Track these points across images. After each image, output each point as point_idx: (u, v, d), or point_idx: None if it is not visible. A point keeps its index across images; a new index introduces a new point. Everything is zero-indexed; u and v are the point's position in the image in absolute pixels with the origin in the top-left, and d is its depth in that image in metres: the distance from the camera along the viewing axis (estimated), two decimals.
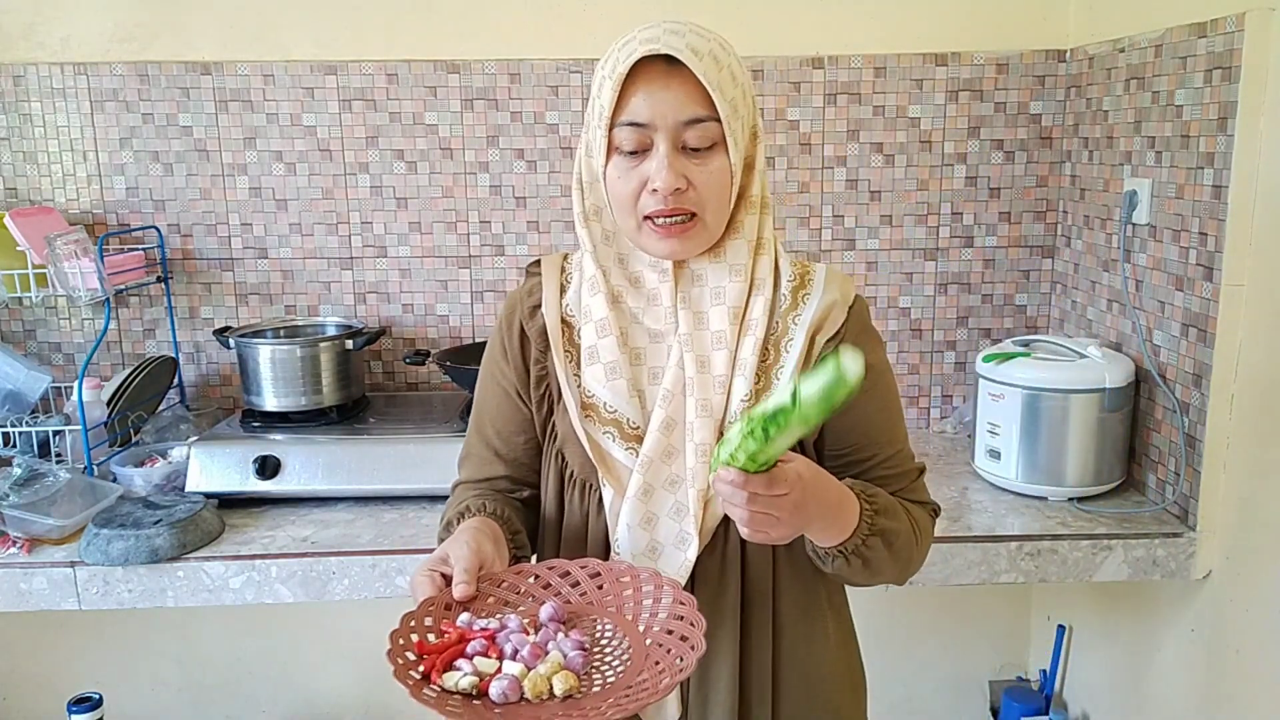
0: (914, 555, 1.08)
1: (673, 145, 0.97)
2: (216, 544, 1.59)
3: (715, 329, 1.03)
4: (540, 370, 1.09)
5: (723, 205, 1.01)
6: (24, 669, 2.24)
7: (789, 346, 1.04)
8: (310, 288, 2.10)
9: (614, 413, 1.04)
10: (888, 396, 1.10)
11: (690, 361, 1.03)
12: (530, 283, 1.13)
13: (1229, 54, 1.47)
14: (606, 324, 1.04)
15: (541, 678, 0.84)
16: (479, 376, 1.17)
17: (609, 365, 1.04)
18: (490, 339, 1.15)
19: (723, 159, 0.99)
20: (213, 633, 2.23)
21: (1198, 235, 1.55)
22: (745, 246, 1.04)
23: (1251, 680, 1.51)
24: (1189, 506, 1.60)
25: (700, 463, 1.01)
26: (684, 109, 0.96)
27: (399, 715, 2.29)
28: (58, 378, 2.03)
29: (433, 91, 2.02)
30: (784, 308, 1.05)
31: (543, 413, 1.10)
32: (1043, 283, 2.12)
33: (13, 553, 1.56)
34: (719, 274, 1.04)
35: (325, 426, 1.86)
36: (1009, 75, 2.03)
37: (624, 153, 0.98)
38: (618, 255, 1.07)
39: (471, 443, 1.17)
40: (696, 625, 0.88)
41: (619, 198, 1.00)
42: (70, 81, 1.99)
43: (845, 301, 1.07)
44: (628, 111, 0.97)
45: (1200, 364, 1.55)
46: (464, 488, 1.16)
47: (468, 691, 0.83)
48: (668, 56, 0.95)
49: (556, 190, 2.07)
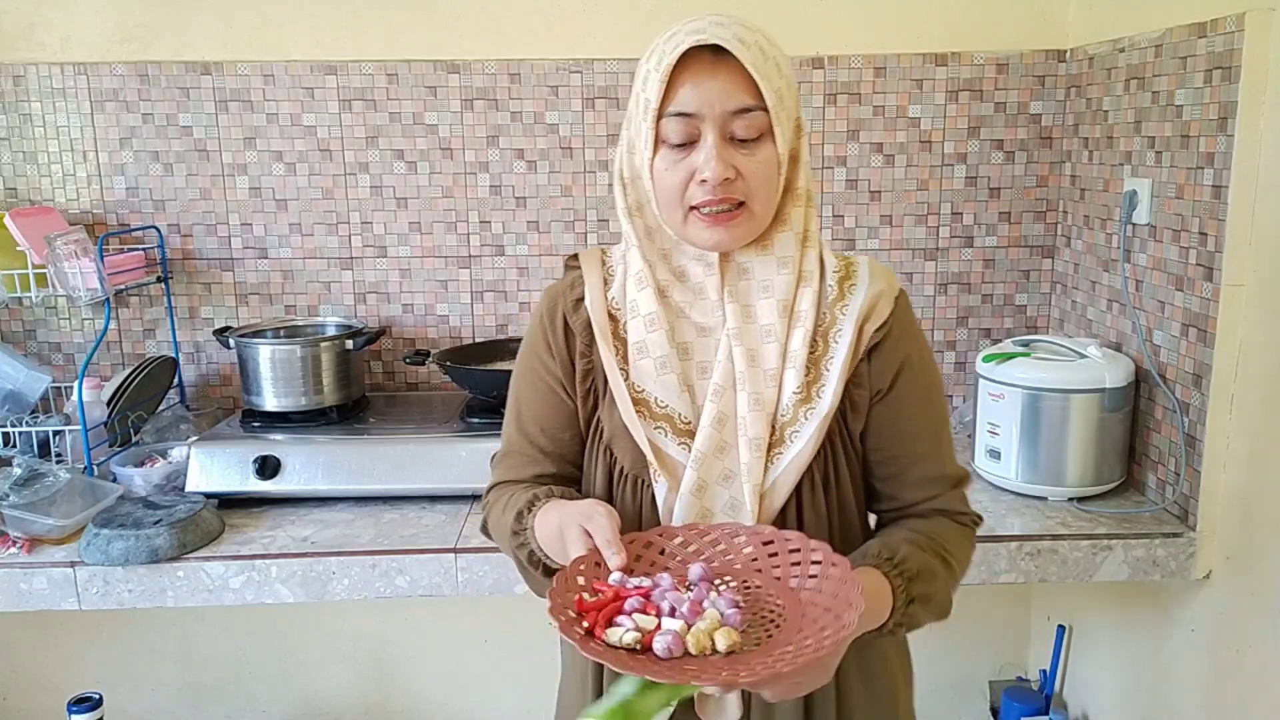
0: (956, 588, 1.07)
1: (721, 135, 0.96)
2: (216, 544, 1.59)
3: (764, 322, 1.03)
4: (586, 364, 1.08)
5: (771, 195, 1.00)
6: (24, 669, 2.24)
7: (838, 337, 1.03)
8: (310, 288, 2.10)
9: (665, 408, 1.03)
10: (928, 395, 1.08)
11: (740, 356, 1.02)
12: (570, 277, 1.11)
13: (1229, 54, 1.47)
14: (655, 318, 1.03)
15: (704, 633, 0.85)
16: (515, 374, 1.14)
17: (659, 360, 1.03)
18: (528, 334, 1.13)
19: (770, 149, 0.98)
20: (213, 633, 2.23)
21: (1198, 235, 1.55)
22: (793, 238, 1.03)
23: (1251, 680, 1.51)
24: (1189, 506, 1.60)
25: (754, 457, 1.00)
26: (731, 98, 0.95)
27: (399, 715, 2.30)
28: (58, 378, 2.03)
29: (433, 91, 2.02)
30: (831, 298, 1.04)
31: (588, 408, 1.09)
32: (1043, 283, 2.12)
33: (13, 553, 1.56)
34: (767, 267, 1.03)
35: (325, 426, 1.86)
36: (1009, 75, 2.03)
37: (671, 145, 0.98)
38: (661, 251, 1.05)
39: (512, 441, 1.14)
40: (851, 584, 0.88)
41: (666, 190, 0.99)
42: (70, 81, 1.99)
43: (891, 292, 1.06)
44: (675, 102, 0.96)
45: (1200, 364, 1.55)
46: (506, 487, 1.13)
47: (631, 646, 0.84)
48: (714, 47, 0.95)
49: (556, 190, 2.07)
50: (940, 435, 1.09)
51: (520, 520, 1.04)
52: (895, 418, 1.06)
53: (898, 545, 1.02)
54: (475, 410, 1.87)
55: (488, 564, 1.56)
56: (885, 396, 1.05)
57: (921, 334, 1.10)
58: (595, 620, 0.86)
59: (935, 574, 1.02)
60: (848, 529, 1.07)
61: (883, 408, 1.06)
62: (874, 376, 1.05)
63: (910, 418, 1.07)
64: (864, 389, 1.04)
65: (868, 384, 1.05)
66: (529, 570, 1.08)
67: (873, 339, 1.03)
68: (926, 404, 1.08)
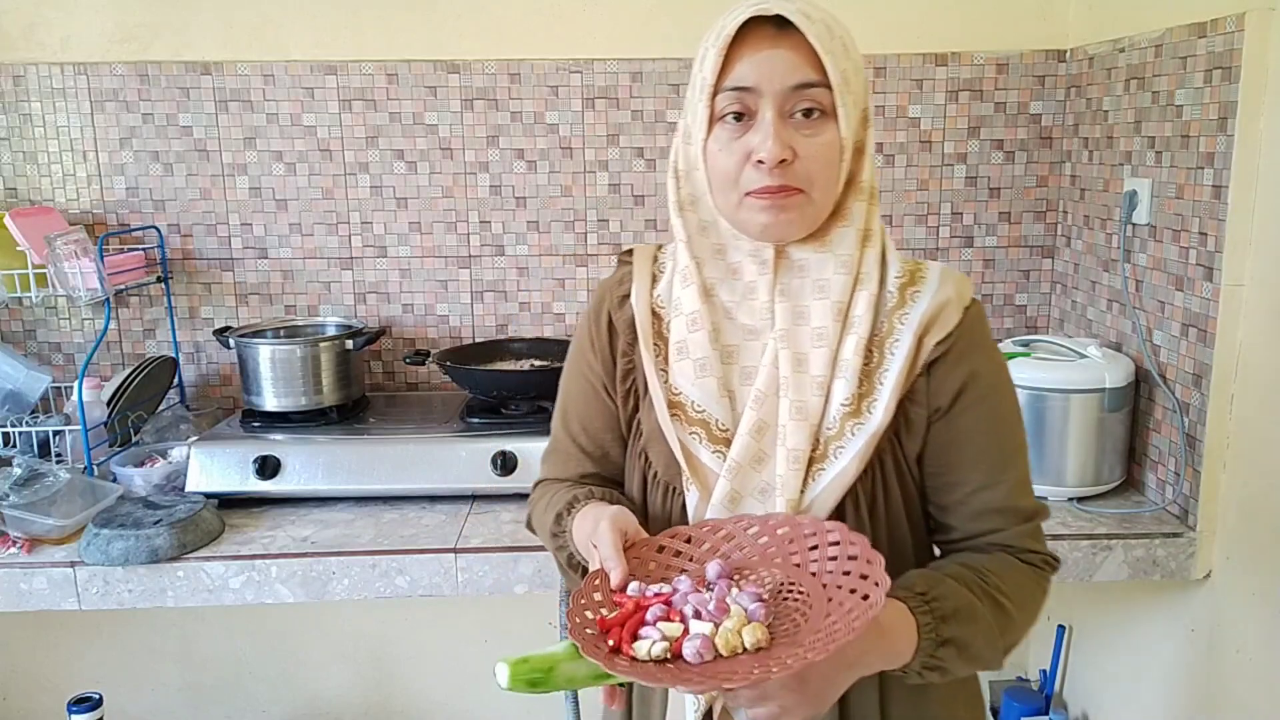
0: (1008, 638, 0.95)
1: (779, 112, 0.90)
2: (216, 544, 1.59)
3: (816, 325, 0.95)
4: (627, 363, 1.04)
5: (831, 182, 0.93)
6: (24, 669, 2.24)
7: (894, 348, 0.95)
8: (310, 288, 2.10)
9: (702, 412, 0.97)
10: (998, 417, 0.98)
11: (786, 359, 0.95)
12: (620, 272, 1.07)
13: (1229, 54, 1.47)
14: (698, 318, 0.98)
15: (732, 632, 0.81)
16: (565, 369, 1.11)
17: (698, 362, 0.97)
18: (577, 330, 1.10)
19: (832, 131, 0.91)
20: (213, 633, 2.23)
21: (1198, 235, 1.55)
22: (853, 235, 0.96)
23: (1251, 680, 1.51)
24: (1189, 506, 1.60)
25: (791, 470, 0.93)
26: (793, 73, 0.89)
27: (399, 715, 2.30)
28: (58, 378, 2.03)
29: (433, 91, 2.02)
30: (890, 305, 0.96)
31: (628, 408, 1.04)
32: (1043, 283, 2.12)
33: (13, 553, 1.56)
34: (823, 264, 0.96)
35: (325, 426, 1.86)
36: (1009, 75, 2.03)
37: (727, 123, 0.91)
38: (715, 246, 0.99)
39: (557, 438, 1.11)
40: (874, 562, 0.83)
41: (719, 172, 0.93)
42: (70, 81, 1.99)
43: (960, 302, 0.97)
44: (732, 76, 0.90)
45: (1200, 364, 1.55)
46: (550, 484, 1.10)
47: (661, 657, 0.81)
48: (777, 20, 0.89)
49: (557, 190, 2.07)
50: (1008, 463, 0.98)
51: (560, 522, 1.02)
52: (954, 439, 0.97)
53: (938, 579, 0.93)
54: (475, 410, 1.87)
55: (488, 564, 1.56)
56: (945, 415, 0.96)
57: (996, 351, 1.00)
58: (620, 636, 0.83)
59: (977, 617, 0.92)
60: (898, 559, 0.97)
61: (941, 427, 0.97)
62: (933, 393, 0.96)
63: (971, 440, 0.97)
64: (921, 406, 0.96)
65: (925, 401, 0.96)
66: (569, 573, 1.05)
67: (934, 353, 0.95)
68: (993, 426, 0.98)
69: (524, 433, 1.75)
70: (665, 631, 0.83)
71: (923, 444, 0.97)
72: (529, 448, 1.71)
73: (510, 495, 1.73)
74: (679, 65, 1.99)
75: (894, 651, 0.88)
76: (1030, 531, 0.99)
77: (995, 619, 0.93)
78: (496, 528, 1.64)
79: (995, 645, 0.94)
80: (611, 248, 2.08)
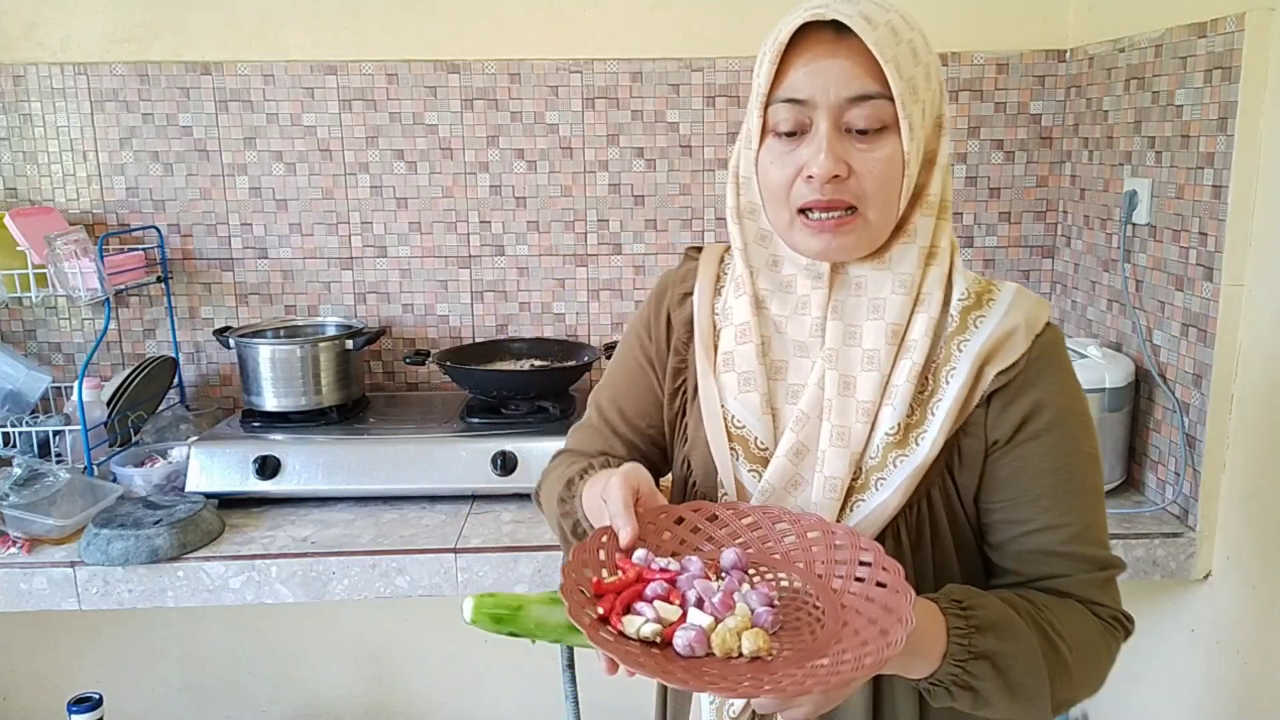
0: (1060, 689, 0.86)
1: (834, 125, 0.84)
2: (216, 544, 1.59)
3: (868, 347, 0.89)
4: (679, 361, 1.01)
5: (889, 200, 0.86)
6: (24, 669, 2.24)
7: (950, 376, 0.88)
8: (310, 288, 2.10)
9: (741, 428, 0.93)
10: (1065, 452, 0.89)
11: (832, 381, 0.89)
12: (685, 267, 1.04)
13: (1229, 54, 1.47)
14: (747, 330, 0.94)
15: (731, 633, 0.75)
16: (617, 350, 1.08)
17: (743, 375, 0.93)
18: (637, 313, 1.07)
19: (894, 145, 0.85)
20: (213, 633, 2.23)
21: (1198, 235, 1.55)
22: (915, 253, 0.89)
23: (1251, 680, 1.51)
24: (1189, 506, 1.60)
25: (827, 499, 0.88)
26: (849, 83, 0.83)
27: (399, 715, 2.30)
28: (58, 378, 2.03)
29: (433, 91, 2.02)
30: (951, 330, 0.89)
31: (674, 407, 1.01)
32: (1043, 283, 2.12)
33: (13, 553, 1.56)
34: (881, 283, 0.90)
35: (325, 426, 1.86)
36: (1009, 75, 2.03)
37: (780, 135, 0.86)
38: (771, 257, 0.95)
39: (591, 413, 1.08)
40: (903, 594, 0.75)
41: (771, 187, 0.88)
42: (70, 81, 1.99)
43: (1030, 329, 0.88)
44: (785, 87, 0.85)
45: (1200, 364, 1.55)
46: (571, 455, 1.06)
47: (649, 639, 0.75)
48: (836, 25, 0.83)
49: (557, 190, 2.07)
50: (1076, 505, 0.89)
51: (570, 488, 0.97)
52: (1013, 474, 0.89)
53: (977, 591, 0.86)
54: (475, 410, 1.87)
55: (488, 564, 1.56)
56: (1004, 447, 0.89)
57: (1070, 380, 0.91)
58: (611, 606, 0.77)
59: (1018, 635, 0.83)
60: None
61: (1000, 461, 0.89)
62: (991, 424, 0.89)
63: (1033, 476, 0.88)
64: (978, 439, 0.89)
65: (983, 433, 0.89)
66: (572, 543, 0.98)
67: (995, 383, 0.87)
68: (1059, 462, 0.89)
69: (524, 433, 1.75)
70: (661, 613, 0.77)
71: (979, 480, 0.90)
72: (529, 448, 1.71)
73: (510, 495, 1.73)
74: (679, 65, 1.99)
75: (917, 652, 0.79)
76: (1099, 582, 0.90)
77: (1045, 654, 0.84)
78: (496, 528, 1.64)
79: (1041, 682, 0.84)
80: (611, 248, 2.08)
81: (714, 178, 2.06)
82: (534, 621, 0.79)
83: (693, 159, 2.05)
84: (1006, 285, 0.92)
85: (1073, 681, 0.87)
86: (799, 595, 0.82)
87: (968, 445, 0.89)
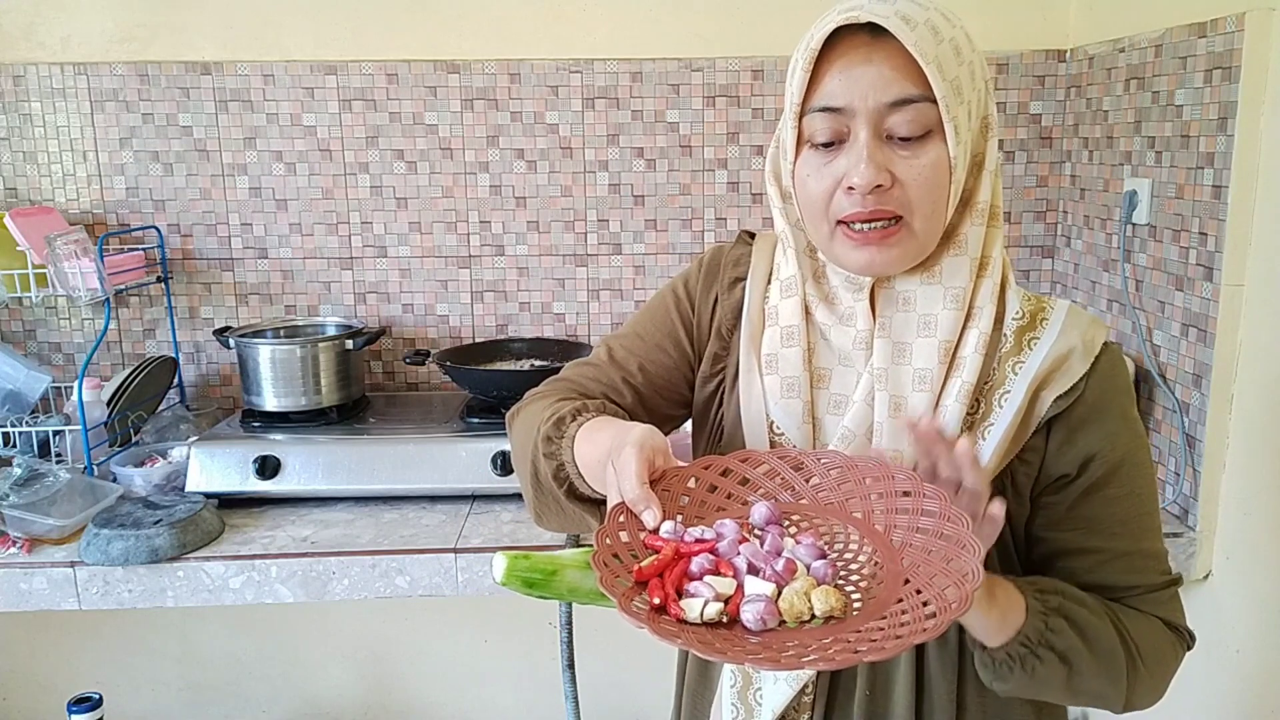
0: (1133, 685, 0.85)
1: (874, 133, 0.79)
2: (216, 544, 1.59)
3: (919, 366, 0.85)
4: (720, 347, 0.96)
5: (936, 208, 0.82)
6: (24, 669, 2.24)
7: (1004, 400, 0.84)
8: (310, 288, 2.10)
9: (780, 435, 0.89)
10: (1133, 494, 0.87)
11: (883, 403, 0.85)
12: (740, 250, 0.98)
13: (1229, 54, 1.47)
14: (795, 333, 0.89)
15: (800, 595, 0.68)
16: (649, 305, 1.01)
17: (787, 380, 0.89)
18: (680, 277, 1.01)
19: (939, 151, 0.80)
20: (213, 633, 2.23)
21: (1198, 235, 1.55)
22: (967, 265, 0.84)
23: (1251, 680, 1.51)
24: (1189, 506, 1.60)
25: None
26: (889, 88, 0.78)
27: (399, 715, 2.30)
28: (58, 378, 2.03)
29: (433, 91, 2.02)
30: (1005, 350, 0.85)
31: (706, 392, 0.97)
32: (1043, 283, 2.12)
33: (13, 553, 1.56)
34: (931, 298, 0.85)
35: (325, 426, 1.86)
36: (1009, 75, 2.03)
37: (816, 146, 0.82)
38: (813, 267, 0.91)
39: (601, 355, 1.00)
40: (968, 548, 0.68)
41: (809, 200, 0.84)
42: (70, 81, 1.99)
43: (1088, 351, 0.84)
44: (821, 95, 0.80)
45: (1200, 364, 1.55)
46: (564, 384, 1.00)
47: (715, 620, 0.68)
48: (872, 27, 0.78)
49: (556, 190, 2.07)
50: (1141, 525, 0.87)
51: (560, 426, 0.89)
52: (1075, 517, 0.86)
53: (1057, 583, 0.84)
54: (475, 410, 1.87)
55: (488, 564, 1.56)
56: (1067, 486, 0.86)
57: (1131, 407, 0.87)
58: (666, 593, 0.69)
59: (1087, 626, 0.82)
60: None
61: (1061, 499, 0.86)
62: (1052, 457, 0.85)
63: (1098, 521, 0.86)
64: (1032, 466, 0.86)
65: (1040, 462, 0.86)
66: (548, 487, 0.90)
67: (1053, 409, 0.84)
68: (1129, 494, 0.86)
69: None
70: (717, 588, 0.69)
71: (1031, 511, 0.87)
72: None
73: (510, 495, 1.73)
74: (679, 65, 1.99)
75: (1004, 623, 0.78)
76: (1167, 600, 0.88)
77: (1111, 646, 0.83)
78: (496, 528, 1.64)
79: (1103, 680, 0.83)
80: (611, 248, 2.08)
81: (714, 178, 2.06)
82: (568, 587, 0.74)
83: (693, 159, 2.05)
84: (1059, 303, 0.89)
85: (1142, 682, 0.86)
86: (837, 539, 0.76)
87: (1021, 473, 0.86)
